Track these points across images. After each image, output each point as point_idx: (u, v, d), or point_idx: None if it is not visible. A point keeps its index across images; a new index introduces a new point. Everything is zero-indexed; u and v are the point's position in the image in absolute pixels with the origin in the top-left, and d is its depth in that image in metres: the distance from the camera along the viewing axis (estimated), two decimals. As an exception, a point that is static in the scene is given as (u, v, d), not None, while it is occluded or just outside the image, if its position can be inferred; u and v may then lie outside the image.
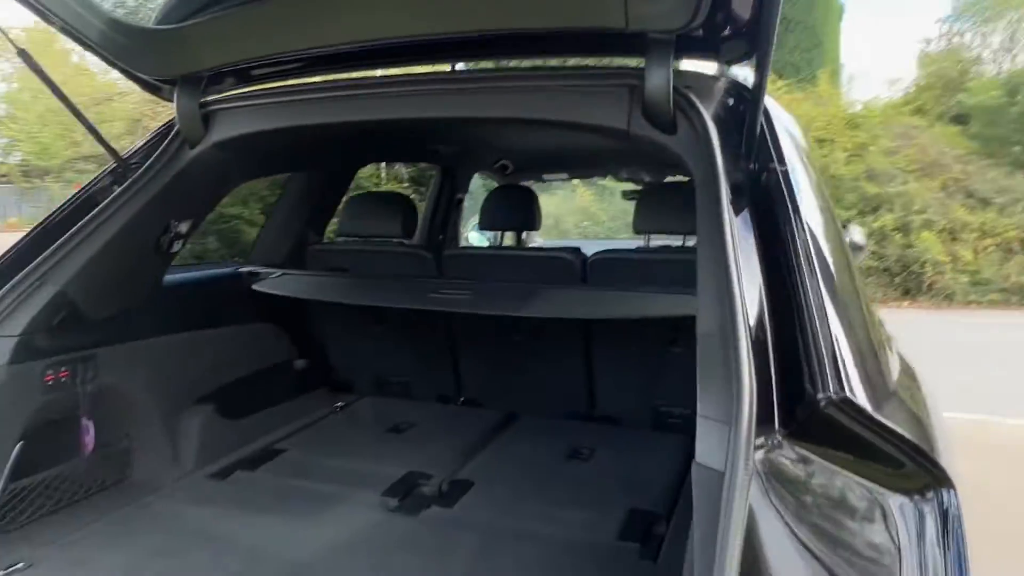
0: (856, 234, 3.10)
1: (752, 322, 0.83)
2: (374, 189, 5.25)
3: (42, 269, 1.42)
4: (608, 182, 5.60)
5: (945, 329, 7.99)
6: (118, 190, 1.54)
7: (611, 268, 1.87)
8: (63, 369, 1.48)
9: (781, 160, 1.01)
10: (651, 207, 1.96)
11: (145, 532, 1.49)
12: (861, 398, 0.80)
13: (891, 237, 10.62)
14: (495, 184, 3.53)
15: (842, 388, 0.77)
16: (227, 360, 2.00)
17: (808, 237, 0.94)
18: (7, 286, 1.39)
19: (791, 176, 0.99)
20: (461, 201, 3.38)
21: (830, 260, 0.99)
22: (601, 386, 2.10)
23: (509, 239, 3.20)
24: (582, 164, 3.49)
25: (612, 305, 1.71)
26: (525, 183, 3.51)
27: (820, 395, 0.77)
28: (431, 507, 1.62)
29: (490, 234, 3.53)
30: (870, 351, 0.96)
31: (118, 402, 1.65)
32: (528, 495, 1.68)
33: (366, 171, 9.43)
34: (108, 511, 1.55)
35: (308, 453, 1.94)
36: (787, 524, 0.77)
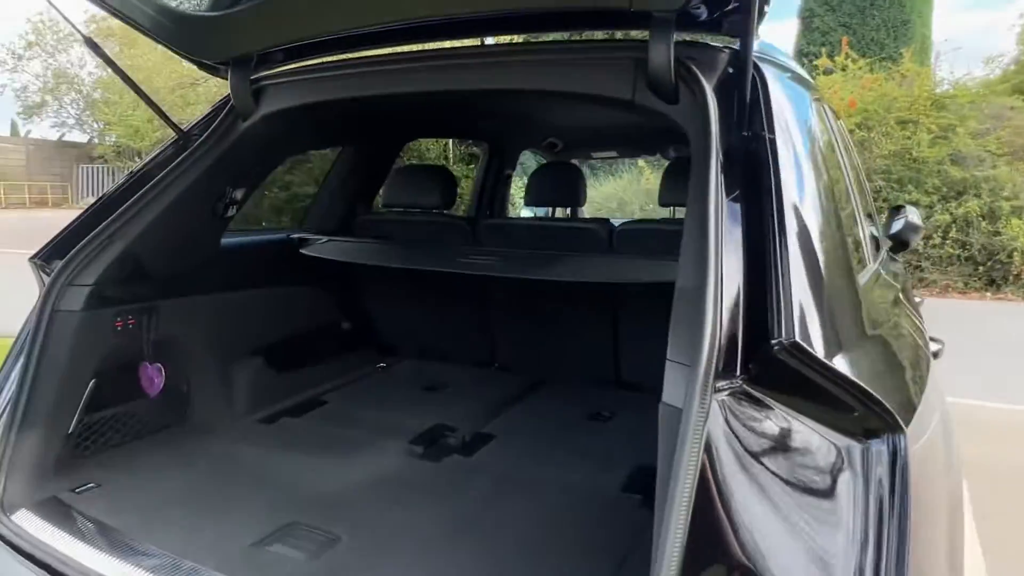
0: (912, 215, 3.02)
1: (725, 278, 0.89)
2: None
3: (111, 228, 1.60)
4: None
5: (1031, 322, 7.54)
6: (178, 159, 1.71)
7: (637, 238, 1.93)
8: (130, 317, 1.67)
9: (771, 129, 1.05)
10: (672, 181, 2.00)
11: (200, 465, 1.67)
12: (817, 345, 0.85)
13: (976, 224, 10.03)
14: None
15: (794, 334, 0.81)
16: (277, 318, 2.17)
17: (788, 201, 0.97)
18: (82, 243, 1.57)
19: (779, 144, 1.02)
20: (509, 177, 3.47)
21: (813, 222, 1.02)
22: (626, 354, 2.17)
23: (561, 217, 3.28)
24: (629, 143, 3.51)
25: (632, 271, 1.78)
26: (575, 161, 3.56)
27: (774, 341, 0.82)
28: (452, 456, 1.75)
29: (543, 211, 3.60)
30: (846, 307, 0.99)
31: (179, 351, 1.83)
32: (544, 450, 1.78)
33: (436, 150, 9.64)
34: (169, 446, 1.74)
35: (348, 405, 2.10)
36: (742, 464, 0.83)
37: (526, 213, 4.23)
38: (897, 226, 2.98)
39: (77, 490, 1.47)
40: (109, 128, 27.36)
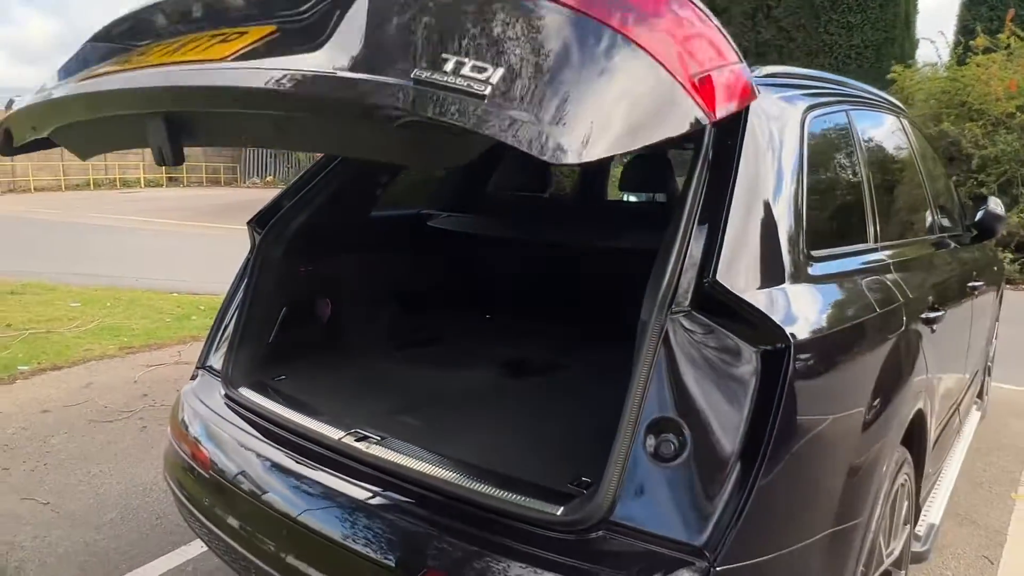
0: (993, 205, 3.18)
1: (691, 240, 1.34)
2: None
3: (299, 204, 2.27)
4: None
5: None
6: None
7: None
8: (310, 266, 2.35)
9: (743, 137, 1.44)
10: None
11: (354, 371, 2.34)
12: (738, 282, 1.28)
13: None
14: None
15: (717, 275, 1.25)
16: (409, 274, 2.84)
17: (742, 189, 1.38)
18: (280, 212, 2.26)
19: (746, 147, 1.43)
20: (610, 160, 3.93)
21: (759, 205, 1.41)
22: None
23: None
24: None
25: None
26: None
27: (706, 279, 1.27)
28: (532, 377, 2.32)
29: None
30: (778, 260, 1.39)
31: (340, 292, 2.51)
32: (599, 377, 2.28)
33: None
34: (332, 356, 2.43)
35: (461, 341, 2.73)
36: (686, 354, 1.27)
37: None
38: (979, 215, 3.17)
39: (274, 379, 2.16)
40: (272, 114, 30.06)
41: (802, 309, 1.34)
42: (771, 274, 1.35)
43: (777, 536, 1.23)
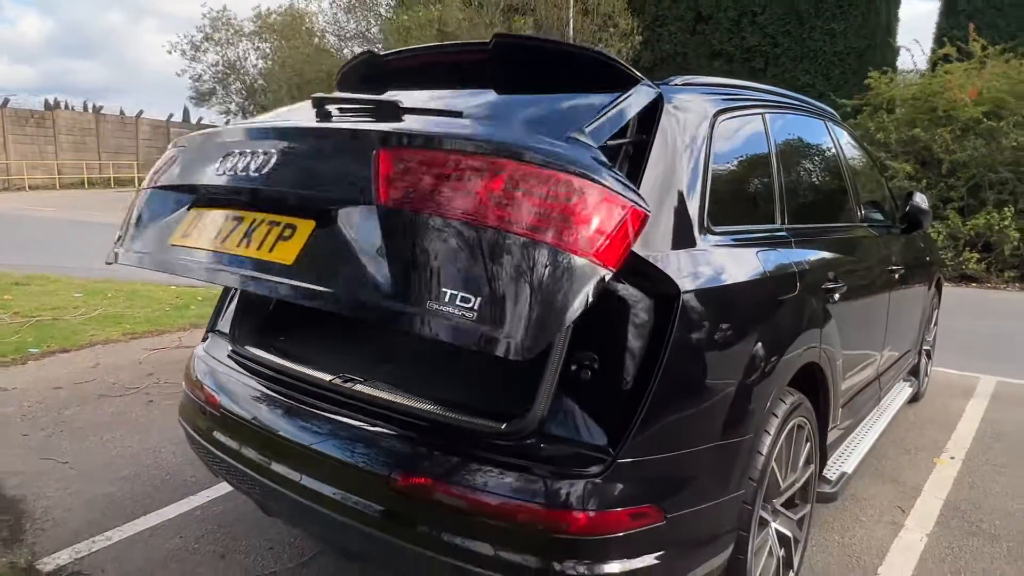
0: (918, 200, 3.56)
1: None
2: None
3: None
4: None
5: None
6: None
7: None
8: None
9: (653, 137, 1.78)
10: None
11: (341, 331, 2.67)
12: (639, 246, 1.61)
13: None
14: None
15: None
16: None
17: (650, 176, 1.70)
18: None
19: (655, 147, 1.76)
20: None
21: (674, 182, 1.74)
22: None
23: None
24: None
25: None
26: None
27: None
28: None
29: None
30: (678, 230, 1.74)
31: None
32: None
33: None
34: (324, 321, 2.75)
35: None
36: (590, 312, 1.61)
37: None
38: (907, 209, 3.56)
39: (274, 338, 2.43)
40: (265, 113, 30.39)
41: (694, 268, 1.69)
42: (671, 241, 1.70)
43: (668, 441, 1.58)
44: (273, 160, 1.66)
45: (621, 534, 1.48)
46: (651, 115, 1.77)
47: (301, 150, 1.69)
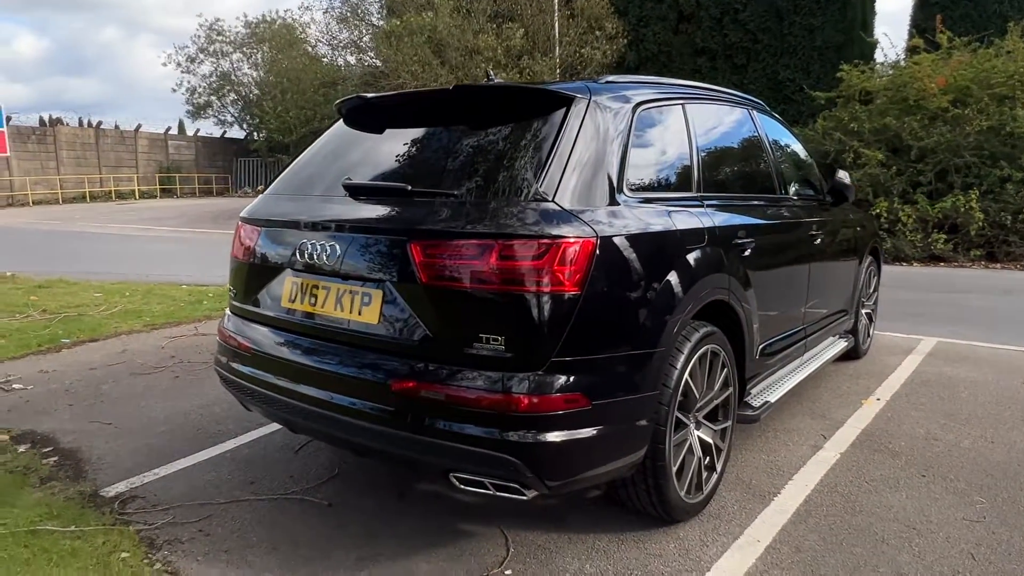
0: (841, 176, 4.10)
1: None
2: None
3: None
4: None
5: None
6: None
7: None
8: None
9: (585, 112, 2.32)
10: None
11: None
12: (563, 202, 2.12)
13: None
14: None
15: (555, 197, 2.13)
16: None
17: (582, 147, 2.25)
18: None
19: (587, 121, 2.30)
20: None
21: (596, 159, 2.28)
22: None
23: None
24: None
25: None
26: None
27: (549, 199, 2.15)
28: None
29: None
30: (600, 194, 2.27)
31: None
32: None
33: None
34: None
35: None
36: None
37: None
38: (831, 184, 4.12)
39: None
40: (262, 124, 31.06)
41: (610, 220, 2.20)
42: (595, 201, 2.22)
43: (591, 348, 2.09)
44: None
45: (560, 412, 2.02)
46: (580, 113, 2.31)
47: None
